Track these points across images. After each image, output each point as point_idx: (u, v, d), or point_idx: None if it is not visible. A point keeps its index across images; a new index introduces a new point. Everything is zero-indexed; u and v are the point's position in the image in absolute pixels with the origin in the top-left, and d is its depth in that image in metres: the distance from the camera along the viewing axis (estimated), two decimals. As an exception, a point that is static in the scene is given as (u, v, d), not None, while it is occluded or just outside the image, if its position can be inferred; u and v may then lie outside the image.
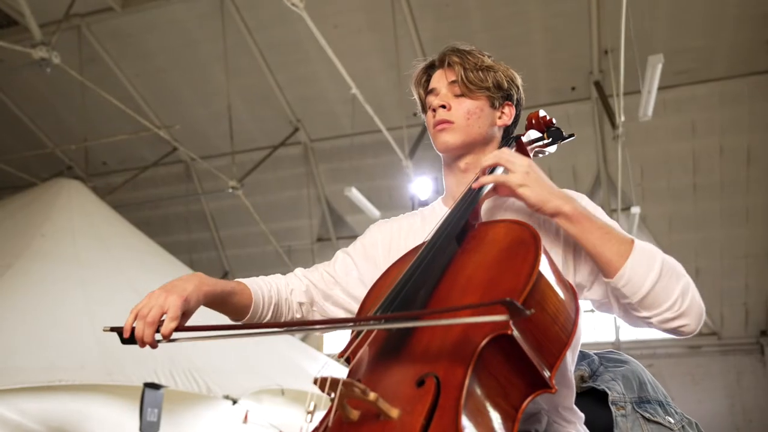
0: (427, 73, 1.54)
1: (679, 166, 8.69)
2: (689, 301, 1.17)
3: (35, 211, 6.04)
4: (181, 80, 8.95)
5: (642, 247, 1.21)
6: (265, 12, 7.80)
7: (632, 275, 1.17)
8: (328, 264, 1.56)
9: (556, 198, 1.24)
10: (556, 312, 1.03)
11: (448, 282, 1.11)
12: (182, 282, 1.26)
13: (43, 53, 6.13)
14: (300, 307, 1.48)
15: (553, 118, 1.58)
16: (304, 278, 1.51)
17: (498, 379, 0.94)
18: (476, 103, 1.43)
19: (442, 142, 1.43)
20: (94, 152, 9.92)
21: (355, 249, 1.56)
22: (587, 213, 1.24)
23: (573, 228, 1.23)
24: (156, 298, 1.19)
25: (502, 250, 1.12)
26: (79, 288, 5.01)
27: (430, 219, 1.48)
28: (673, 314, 1.17)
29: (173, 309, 1.18)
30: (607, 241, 1.21)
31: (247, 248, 10.95)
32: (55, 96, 9.26)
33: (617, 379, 1.40)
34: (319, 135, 9.60)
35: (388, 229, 1.56)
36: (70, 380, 3.82)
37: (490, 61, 1.48)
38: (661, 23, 7.31)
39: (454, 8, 7.63)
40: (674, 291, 1.17)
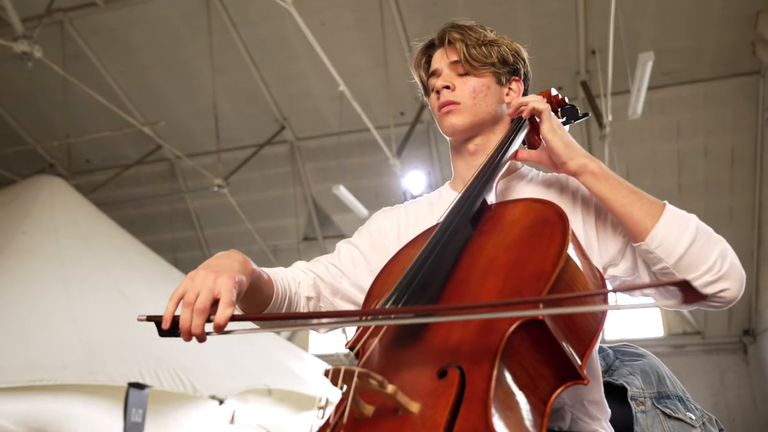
0: (426, 53, 1.46)
1: (665, 167, 8.74)
2: (729, 263, 1.10)
3: (16, 208, 5.92)
4: (165, 77, 8.83)
5: (674, 209, 1.15)
6: (251, 8, 7.72)
7: (666, 235, 1.11)
8: (332, 256, 1.43)
9: (583, 156, 1.19)
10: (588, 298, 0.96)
11: (466, 265, 1.03)
12: (227, 260, 1.07)
13: (25, 47, 6.01)
14: (308, 302, 1.32)
15: (566, 97, 1.51)
16: (309, 272, 1.37)
17: (527, 369, 0.86)
18: (482, 80, 1.36)
19: (448, 125, 1.36)
20: (76, 150, 9.76)
21: (361, 238, 1.45)
22: (613, 173, 1.19)
23: (600, 186, 1.17)
24: (203, 280, 0.98)
25: (524, 229, 1.04)
26: (61, 286, 4.91)
27: (438, 204, 1.41)
28: (714, 276, 1.09)
29: (227, 292, 0.97)
30: (637, 200, 1.15)
31: (232, 247, 10.62)
32: (37, 92, 9.09)
33: (636, 373, 1.32)
34: (305, 133, 9.53)
35: (395, 216, 1.47)
36: (51, 380, 3.72)
37: (492, 35, 1.40)
38: (647, 24, 7.35)
39: (441, 7, 7.60)
40: (712, 252, 1.10)
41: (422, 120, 8.50)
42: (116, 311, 4.99)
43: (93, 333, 4.41)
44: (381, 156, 8.08)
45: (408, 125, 8.42)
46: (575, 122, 1.48)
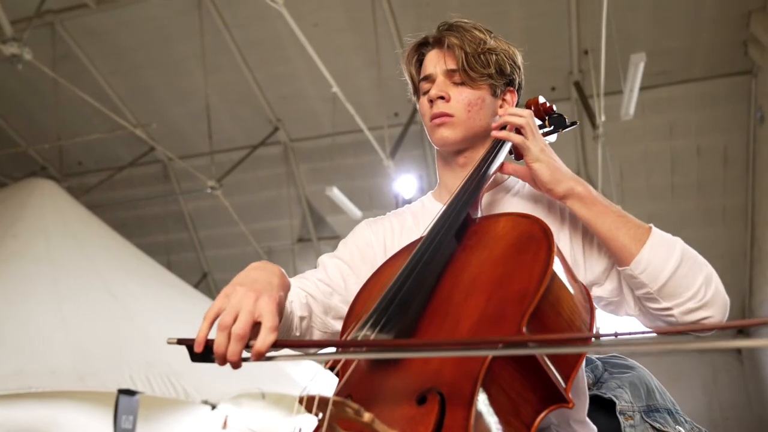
0: (419, 51, 1.40)
1: (658, 167, 8.75)
2: (713, 290, 1.09)
3: (6, 211, 5.88)
4: (157, 78, 8.78)
5: (660, 233, 1.13)
6: (243, 9, 7.69)
7: (651, 260, 1.09)
8: (319, 271, 1.35)
9: (569, 179, 1.17)
10: (571, 316, 0.93)
11: (449, 282, 1.00)
12: (265, 274, 0.98)
13: (15, 49, 5.96)
14: (300, 322, 1.22)
15: (554, 105, 1.48)
16: (300, 290, 1.26)
17: (509, 393, 0.83)
18: (477, 93, 1.31)
19: (440, 138, 1.32)
20: (68, 152, 9.70)
21: (349, 252, 1.38)
22: (600, 196, 1.17)
23: (586, 211, 1.15)
24: (242, 300, 0.89)
25: (509, 245, 1.02)
26: (51, 289, 4.88)
27: (422, 216, 1.37)
28: (697, 304, 1.08)
29: (270, 316, 0.88)
30: (623, 225, 1.13)
31: (226, 249, 10.79)
32: (28, 94, 9.02)
33: (624, 386, 1.30)
34: (299, 134, 9.49)
35: (380, 228, 1.42)
36: (40, 387, 3.68)
37: (491, 40, 1.34)
38: (640, 24, 7.34)
39: (434, 7, 7.58)
40: (697, 278, 1.08)
41: (416, 121, 8.48)
42: (107, 315, 4.97)
43: (83, 338, 4.38)
44: (375, 157, 8.06)
45: (402, 126, 8.40)
46: (563, 131, 1.44)
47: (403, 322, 0.91)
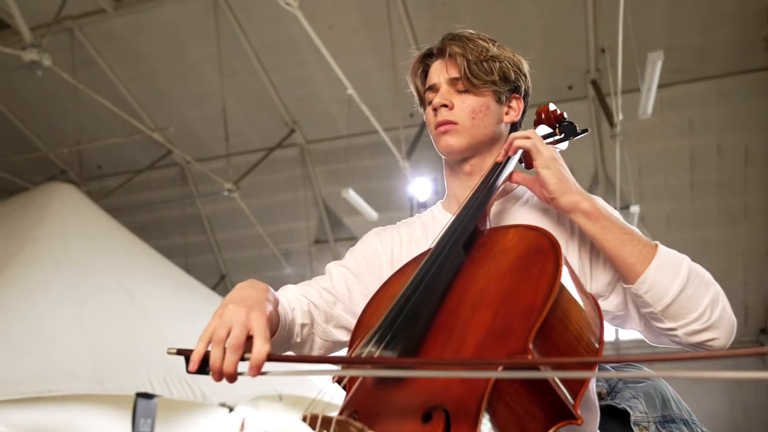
0: (424, 62, 1.40)
1: (677, 165, 8.64)
2: (719, 311, 1.06)
3: (27, 215, 5.95)
4: (174, 82, 8.85)
5: (667, 251, 1.10)
6: (259, 12, 7.72)
7: (656, 280, 1.06)
8: (324, 279, 1.35)
9: (576, 192, 1.15)
10: (579, 330, 0.92)
11: (457, 295, 0.99)
12: (252, 291, 1.00)
13: (34, 56, 6.04)
14: (302, 329, 1.24)
15: (564, 112, 1.46)
16: (303, 297, 1.28)
17: (515, 410, 0.82)
18: (481, 100, 1.31)
19: (445, 146, 1.32)
20: (88, 156, 9.82)
21: (355, 261, 1.38)
22: (607, 212, 1.14)
23: (591, 226, 1.13)
24: (234, 315, 0.91)
25: (516, 258, 1.00)
26: (71, 293, 4.93)
27: (431, 226, 1.36)
28: (701, 325, 1.05)
29: (261, 328, 0.89)
30: (629, 242, 1.10)
31: (243, 251, 10.85)
32: (48, 99, 9.15)
33: (639, 396, 1.27)
34: (315, 136, 9.51)
35: (388, 238, 1.42)
36: (60, 391, 3.73)
37: (495, 48, 1.33)
38: (657, 21, 7.26)
39: (449, 7, 7.56)
40: (703, 300, 1.06)
41: (431, 122, 8.45)
42: (126, 317, 5.01)
43: (102, 341, 4.43)
44: (391, 158, 8.05)
45: (417, 127, 8.39)
46: (574, 138, 1.43)
47: (409, 338, 0.91)
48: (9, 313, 4.37)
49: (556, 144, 1.42)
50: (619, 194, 8.30)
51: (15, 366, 3.87)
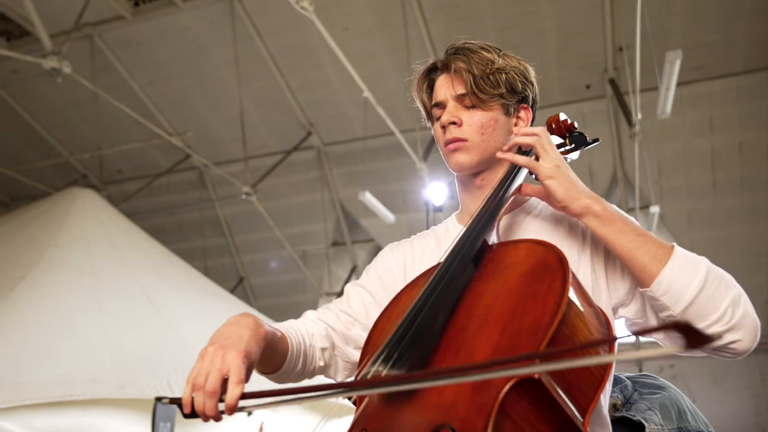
0: (429, 77, 1.40)
1: (698, 163, 8.54)
2: (741, 312, 1.03)
3: (49, 221, 6.03)
4: (192, 87, 8.93)
5: (684, 252, 1.08)
6: (275, 16, 7.76)
7: (673, 281, 1.04)
8: (342, 301, 1.38)
9: (585, 196, 1.12)
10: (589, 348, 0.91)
11: (465, 311, 0.98)
12: (236, 329, 1.04)
13: (54, 63, 6.12)
14: (322, 353, 1.29)
15: (575, 122, 1.45)
16: (321, 321, 1.32)
17: (524, 428, 0.81)
18: (490, 114, 1.30)
19: (456, 163, 1.31)
20: (108, 160, 9.94)
21: (369, 280, 1.40)
22: (619, 213, 1.13)
23: (604, 229, 1.11)
24: (211, 359, 0.97)
25: (524, 274, 0.99)
26: (92, 298, 4.99)
27: (444, 239, 1.36)
28: (724, 327, 1.02)
29: (236, 370, 0.96)
30: (643, 243, 1.08)
31: (262, 253, 10.92)
32: (69, 105, 9.28)
33: (654, 408, 1.25)
34: (332, 139, 9.53)
35: (401, 253, 1.42)
36: (82, 395, 3.77)
37: (500, 59, 1.31)
38: (675, 18, 7.18)
39: (465, 8, 7.54)
40: (723, 300, 1.02)
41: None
42: (146, 322, 5.06)
43: (123, 345, 4.47)
44: (407, 160, 8.05)
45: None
46: (585, 148, 1.42)
47: (416, 356, 0.91)
48: (32, 317, 4.44)
49: (567, 154, 1.41)
50: (639, 194, 8.22)
51: (39, 370, 3.92)
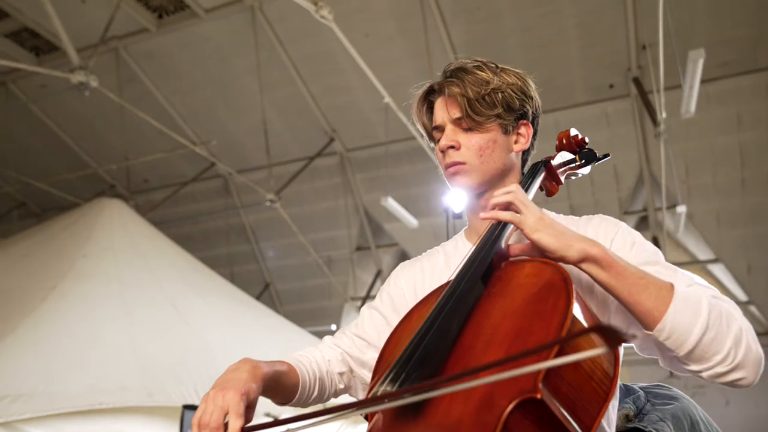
0: (427, 100, 1.40)
1: (726, 161, 8.38)
2: (744, 350, 1.02)
3: (77, 231, 6.16)
4: (216, 96, 9.05)
5: (684, 293, 1.06)
6: (296, 24, 7.82)
7: (675, 327, 1.03)
8: (356, 326, 1.44)
9: (579, 241, 1.10)
10: (592, 366, 0.91)
11: (472, 332, 1.00)
12: (235, 373, 1.14)
13: (81, 77, 6.26)
14: (341, 377, 1.38)
15: (586, 137, 1.46)
16: (336, 347, 1.40)
17: None
18: (487, 135, 1.30)
19: (457, 186, 1.34)
20: (135, 170, 10.12)
21: (382, 302, 1.44)
22: (617, 256, 1.10)
23: (604, 274, 1.08)
24: (213, 400, 1.08)
25: (530, 294, 1.00)
26: (120, 307, 5.08)
27: (453, 256, 1.37)
28: (727, 367, 1.02)
29: (234, 406, 1.06)
30: (644, 287, 1.06)
31: (287, 259, 11.00)
32: (97, 117, 9.48)
33: (666, 419, 1.25)
34: (354, 144, 9.57)
35: (411, 274, 1.44)
36: (111, 403, 3.85)
37: (496, 78, 1.30)
38: (700, 14, 7.07)
39: (485, 11, 7.52)
40: (726, 341, 1.02)
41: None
42: (173, 330, 5.13)
43: (151, 354, 4.55)
44: (430, 164, 8.05)
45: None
46: (596, 163, 1.43)
47: (423, 376, 0.93)
48: (62, 327, 4.53)
49: (578, 169, 1.43)
50: (665, 194, 8.10)
51: (69, 379, 4.01)
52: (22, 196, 11.14)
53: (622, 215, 9.20)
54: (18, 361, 4.01)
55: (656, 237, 8.94)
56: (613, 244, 1.21)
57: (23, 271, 5.62)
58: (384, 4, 7.53)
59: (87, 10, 7.61)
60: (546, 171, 1.38)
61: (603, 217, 1.28)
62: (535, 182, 1.31)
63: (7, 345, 4.14)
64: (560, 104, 8.17)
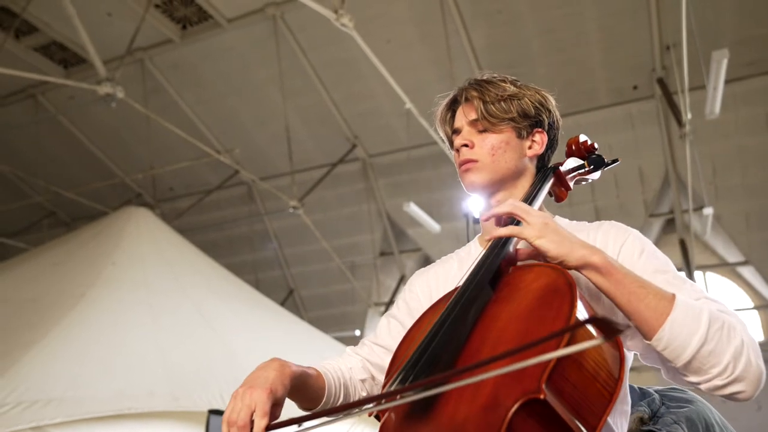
0: (451, 109, 1.47)
1: (754, 161, 8.24)
2: (743, 364, 1.01)
3: (105, 240, 6.28)
4: (239, 105, 9.16)
5: (685, 303, 1.06)
6: (317, 32, 7.89)
7: (673, 338, 1.03)
8: (376, 335, 1.48)
9: (581, 248, 1.11)
10: (596, 368, 0.93)
11: (480, 335, 1.03)
12: (263, 372, 1.17)
13: (108, 89, 6.39)
14: (363, 384, 1.41)
15: (595, 143, 1.48)
16: (357, 356, 1.45)
17: None
18: (501, 137, 1.36)
19: (469, 183, 1.37)
20: (161, 179, 10.28)
21: (399, 310, 1.48)
22: (619, 264, 1.11)
23: (604, 281, 1.09)
24: (241, 399, 1.11)
25: (535, 298, 1.03)
26: (147, 314, 5.16)
27: (466, 262, 1.39)
28: (724, 381, 1.01)
29: (261, 405, 1.09)
30: (644, 296, 1.06)
31: (310, 265, 11.06)
32: (124, 128, 9.66)
33: (680, 422, 1.26)
34: (377, 150, 9.61)
35: (425, 280, 1.48)
36: (138, 408, 3.92)
37: (514, 88, 1.37)
38: (725, 13, 6.98)
39: (506, 14, 7.50)
40: (725, 354, 1.01)
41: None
42: (199, 336, 5.21)
43: (177, 360, 4.62)
44: (452, 168, 7.97)
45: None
46: (605, 168, 1.46)
47: None
48: (90, 335, 4.63)
49: (587, 175, 1.45)
50: (692, 195, 7.99)
51: (98, 385, 4.10)
52: (51, 205, 11.39)
53: (648, 218, 9.09)
54: (48, 367, 4.11)
55: (683, 240, 8.81)
56: (622, 251, 1.22)
57: (53, 278, 5.75)
58: (404, 10, 7.56)
59: (113, 23, 7.77)
60: (555, 177, 1.40)
61: (613, 224, 1.29)
62: (543, 188, 1.33)
63: (37, 351, 4.24)
64: (584, 107, 8.11)
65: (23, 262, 6.63)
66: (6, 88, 9.22)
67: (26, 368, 4.02)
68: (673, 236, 9.09)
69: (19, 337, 4.49)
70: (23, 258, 7.02)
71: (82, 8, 6.46)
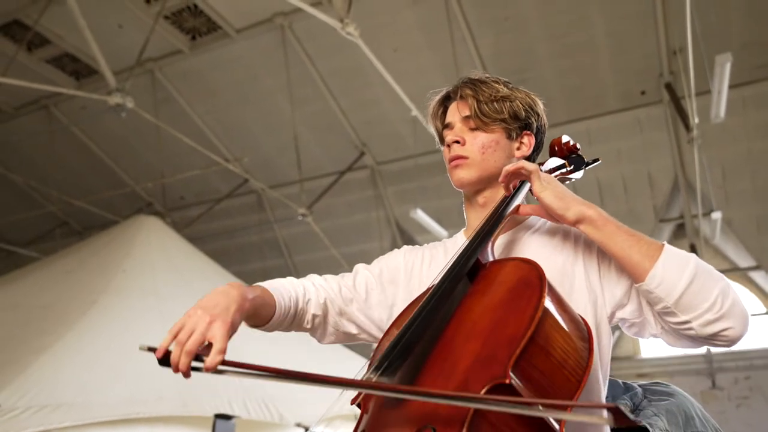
0: (443, 105, 1.52)
1: (764, 165, 8.20)
2: (731, 301, 1.10)
3: (117, 248, 6.36)
4: (248, 114, 9.24)
5: (673, 249, 1.16)
6: (325, 41, 7.95)
7: (665, 275, 1.12)
8: (347, 276, 1.50)
9: (579, 203, 1.21)
10: (564, 356, 0.97)
11: (455, 326, 1.08)
12: (224, 299, 1.11)
13: (118, 99, 6.47)
14: (313, 319, 1.40)
15: (577, 143, 1.52)
16: (321, 290, 1.43)
17: (501, 429, 0.89)
18: (491, 136, 1.41)
19: (457, 179, 1.42)
20: (171, 188, 10.37)
21: (379, 269, 1.51)
22: (612, 218, 1.20)
23: (598, 233, 1.19)
24: (197, 321, 1.04)
25: (508, 291, 1.08)
26: (157, 321, 5.20)
27: (451, 251, 1.44)
28: (715, 315, 1.09)
29: (219, 340, 1.02)
30: (636, 242, 1.16)
31: (320, 272, 11.02)
32: (134, 137, 9.77)
33: (660, 414, 1.30)
34: (385, 157, 9.65)
35: (412, 258, 1.52)
36: (147, 413, 3.96)
37: (506, 90, 1.43)
38: (733, 17, 6.96)
39: (513, 20, 7.53)
40: (713, 291, 1.10)
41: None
42: (207, 343, 5.24)
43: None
44: (460, 175, 8.04)
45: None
46: (586, 168, 1.50)
47: (407, 366, 1.01)
48: (101, 341, 4.69)
49: (568, 174, 1.49)
50: (701, 200, 7.96)
51: (107, 391, 4.15)
52: (64, 215, 11.52)
53: (658, 223, 9.06)
54: (59, 373, 4.17)
55: (694, 244, 8.76)
56: None
57: (65, 286, 5.83)
58: (411, 17, 7.61)
59: (123, 35, 7.89)
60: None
61: None
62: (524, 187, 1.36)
63: (49, 356, 4.31)
64: (591, 112, 8.11)
65: (36, 270, 6.74)
66: (19, 100, 9.37)
67: (37, 374, 4.09)
68: (684, 241, 9.04)
69: (31, 342, 4.56)
70: (36, 266, 7.13)
71: (93, 20, 6.56)
